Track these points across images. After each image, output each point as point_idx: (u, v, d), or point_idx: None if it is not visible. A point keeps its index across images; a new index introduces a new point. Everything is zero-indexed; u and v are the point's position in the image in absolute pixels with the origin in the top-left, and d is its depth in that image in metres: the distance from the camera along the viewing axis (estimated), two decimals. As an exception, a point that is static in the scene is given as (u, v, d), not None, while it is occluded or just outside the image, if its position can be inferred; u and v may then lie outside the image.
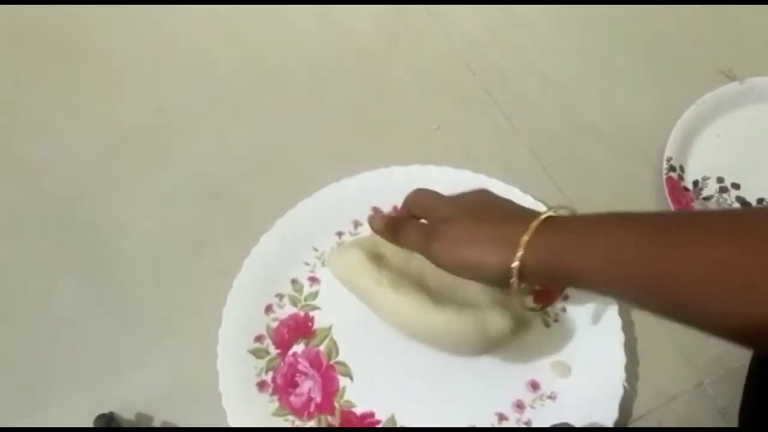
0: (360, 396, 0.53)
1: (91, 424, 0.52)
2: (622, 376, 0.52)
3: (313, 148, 0.67)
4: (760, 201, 0.60)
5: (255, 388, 0.54)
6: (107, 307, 0.59)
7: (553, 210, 0.43)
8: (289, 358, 0.55)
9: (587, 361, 0.53)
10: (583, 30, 0.73)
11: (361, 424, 0.52)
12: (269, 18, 0.76)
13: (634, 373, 0.54)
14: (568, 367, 0.53)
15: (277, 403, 0.53)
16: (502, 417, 0.52)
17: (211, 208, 0.64)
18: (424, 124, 0.67)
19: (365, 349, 0.55)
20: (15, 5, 0.78)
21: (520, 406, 0.52)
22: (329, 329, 0.56)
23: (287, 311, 0.57)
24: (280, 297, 0.58)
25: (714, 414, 0.52)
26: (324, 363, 0.55)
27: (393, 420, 0.52)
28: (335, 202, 0.60)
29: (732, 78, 0.67)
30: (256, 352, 0.55)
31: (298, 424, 0.52)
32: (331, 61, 0.72)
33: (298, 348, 0.55)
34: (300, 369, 0.55)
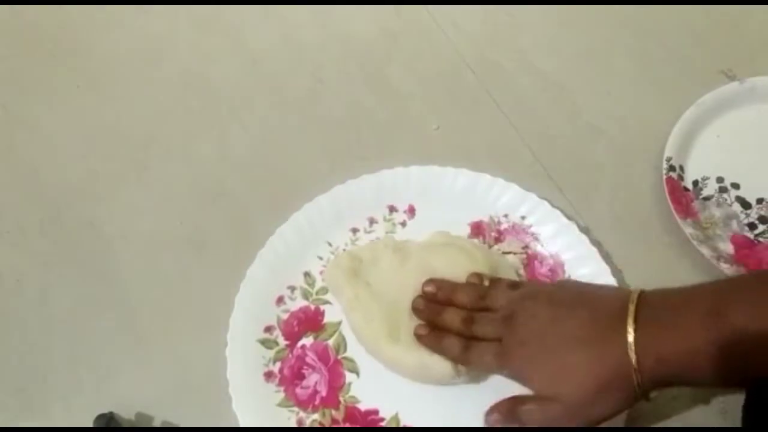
0: (365, 392, 0.53)
1: (91, 424, 0.52)
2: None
3: (313, 148, 0.67)
4: (760, 201, 0.60)
5: (262, 377, 0.54)
6: (107, 307, 0.59)
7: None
8: (297, 351, 0.55)
9: None
10: (583, 30, 0.73)
11: (365, 420, 0.52)
12: (269, 18, 0.76)
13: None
14: None
15: (282, 394, 0.53)
16: None
17: (211, 208, 0.64)
18: (424, 124, 0.67)
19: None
20: (15, 5, 0.78)
21: None
22: (339, 324, 0.56)
23: (298, 304, 0.57)
24: (292, 289, 0.58)
25: (714, 414, 0.52)
26: (332, 357, 0.55)
27: (397, 418, 0.52)
28: (352, 198, 0.60)
29: (732, 78, 0.67)
30: (265, 342, 0.55)
31: (302, 416, 0.52)
32: (331, 61, 0.72)
33: (307, 341, 0.56)
34: (308, 362, 0.55)
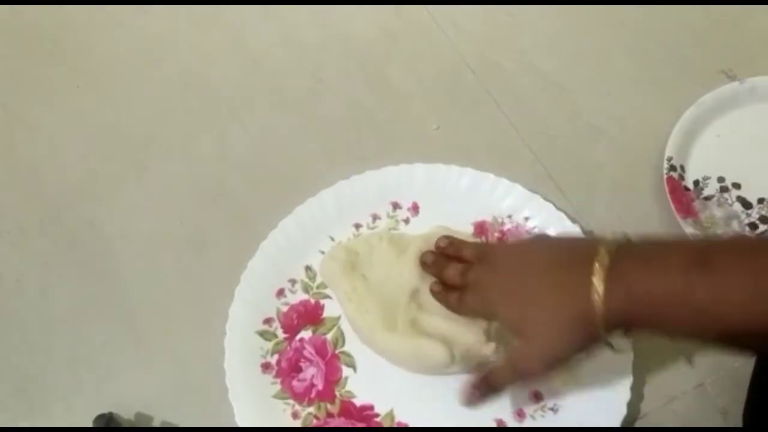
0: (361, 388, 0.53)
1: (91, 424, 0.52)
2: (627, 397, 0.50)
3: (313, 148, 0.67)
4: (761, 201, 0.60)
5: (259, 368, 0.54)
6: (107, 307, 0.59)
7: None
8: (295, 344, 0.55)
9: (593, 378, 0.52)
10: (583, 30, 0.73)
11: (360, 415, 0.52)
12: (269, 18, 0.76)
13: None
14: (574, 378, 0.52)
15: (279, 386, 0.54)
16: (500, 424, 0.51)
17: (211, 208, 0.64)
18: (424, 124, 0.67)
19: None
20: (15, 5, 0.78)
21: (520, 415, 0.52)
22: (338, 319, 0.56)
23: (298, 297, 0.57)
24: (293, 282, 0.58)
25: (714, 414, 0.52)
26: (329, 351, 0.55)
27: (392, 415, 0.52)
28: (355, 193, 0.61)
29: (732, 78, 0.67)
30: (263, 334, 0.56)
31: (298, 409, 0.53)
32: (331, 61, 0.72)
33: (306, 334, 0.56)
34: (305, 355, 0.55)
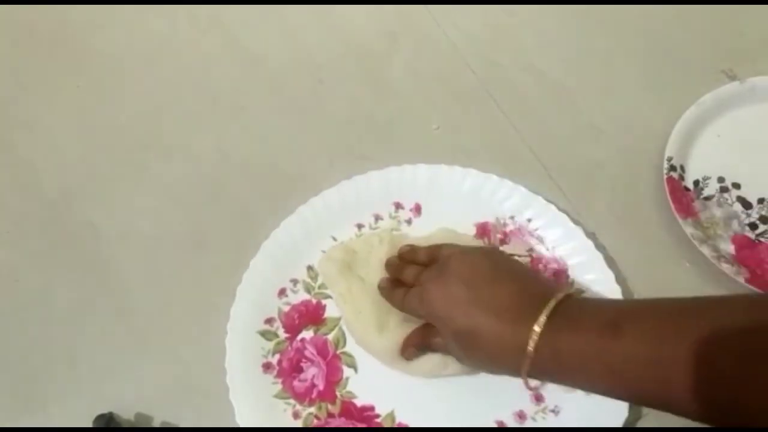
0: (362, 388, 0.53)
1: (90, 424, 0.52)
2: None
3: (313, 148, 0.67)
4: (761, 201, 0.60)
5: (260, 368, 0.54)
6: (106, 307, 0.59)
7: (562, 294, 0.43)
8: (296, 344, 0.55)
9: None
10: (583, 30, 0.73)
11: (361, 416, 0.52)
12: (269, 18, 0.76)
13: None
14: None
15: (280, 386, 0.54)
16: (501, 425, 0.51)
17: (211, 208, 0.64)
18: (424, 124, 0.67)
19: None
20: (15, 5, 0.78)
21: (521, 416, 0.52)
22: (339, 319, 0.56)
23: (300, 297, 0.57)
24: (295, 282, 0.58)
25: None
26: (331, 352, 0.55)
27: (392, 416, 0.52)
28: (358, 194, 0.61)
29: (732, 78, 0.67)
30: (265, 334, 0.56)
31: (299, 409, 0.53)
32: (331, 61, 0.72)
33: (307, 334, 0.56)
34: (306, 355, 0.55)
